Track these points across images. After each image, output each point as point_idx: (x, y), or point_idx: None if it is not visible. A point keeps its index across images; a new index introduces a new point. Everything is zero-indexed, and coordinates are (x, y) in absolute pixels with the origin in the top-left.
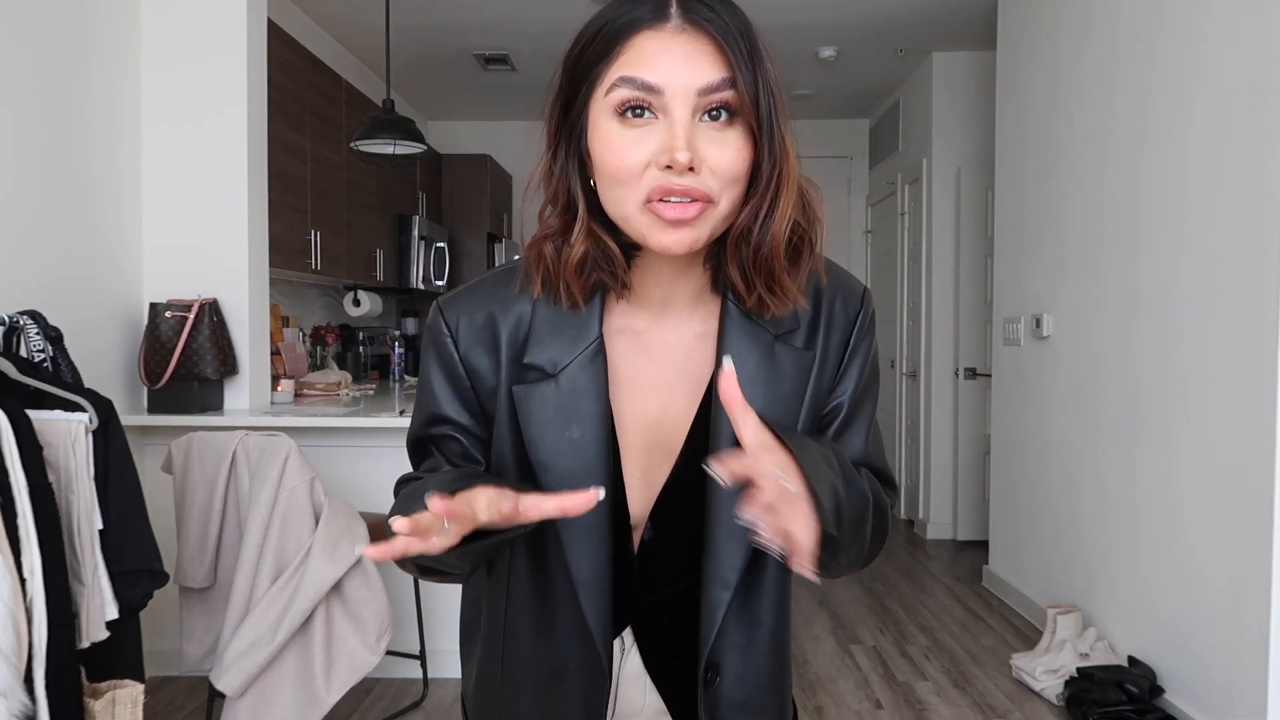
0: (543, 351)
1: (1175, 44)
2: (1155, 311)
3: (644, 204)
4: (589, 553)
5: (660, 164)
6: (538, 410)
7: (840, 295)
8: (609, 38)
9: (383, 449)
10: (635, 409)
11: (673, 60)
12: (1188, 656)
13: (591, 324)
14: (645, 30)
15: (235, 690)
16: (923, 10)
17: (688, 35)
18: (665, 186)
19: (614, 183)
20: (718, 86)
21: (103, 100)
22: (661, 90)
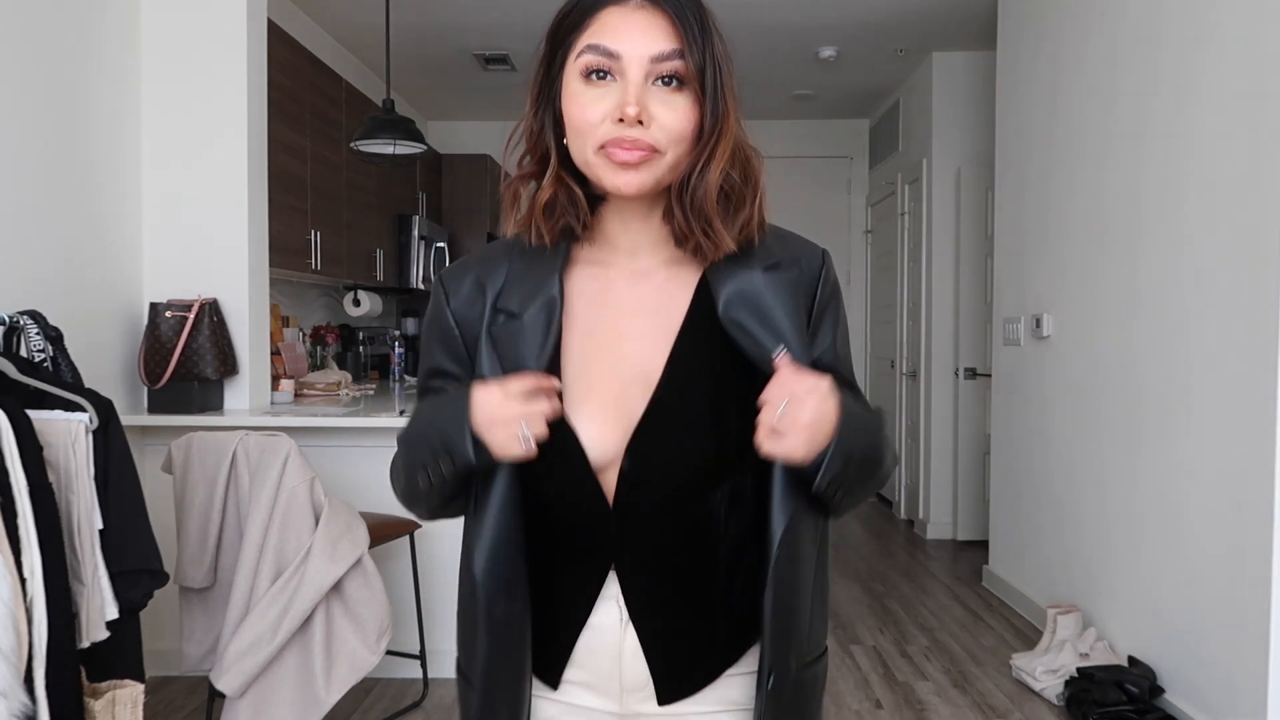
0: (512, 297)
1: (1175, 44)
2: (1155, 311)
3: (599, 149)
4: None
5: (614, 118)
6: (505, 346)
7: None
8: (582, 11)
9: (383, 449)
10: (604, 347)
11: (631, 32)
12: (1188, 656)
13: (553, 273)
14: (611, 6)
15: (235, 690)
16: (923, 10)
17: (646, 12)
18: (617, 137)
19: (577, 133)
20: (668, 56)
21: (103, 100)
22: (620, 56)
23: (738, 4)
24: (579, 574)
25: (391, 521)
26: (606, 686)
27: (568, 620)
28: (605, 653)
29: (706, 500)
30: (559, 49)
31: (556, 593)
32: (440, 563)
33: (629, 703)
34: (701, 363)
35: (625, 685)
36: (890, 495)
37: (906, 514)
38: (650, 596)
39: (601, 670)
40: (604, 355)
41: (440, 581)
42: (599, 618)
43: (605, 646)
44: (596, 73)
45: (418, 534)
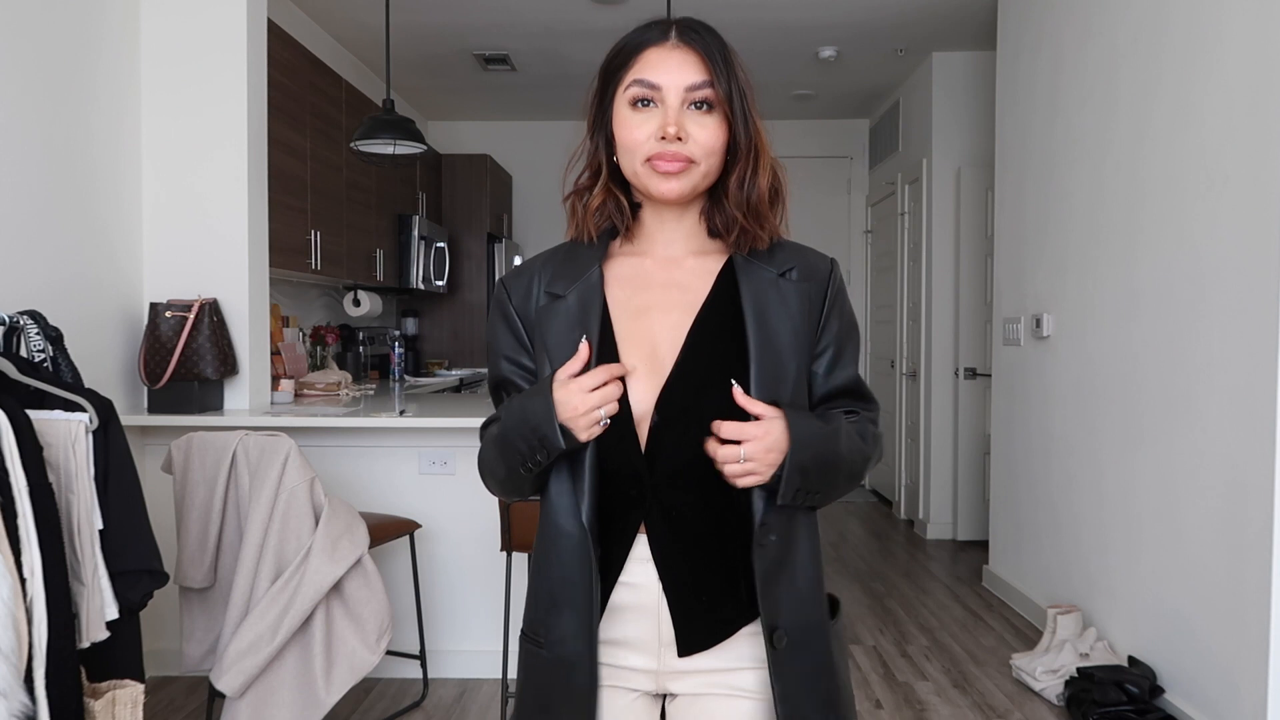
0: (557, 283)
1: (1175, 43)
2: (1155, 311)
3: (645, 162)
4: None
5: (657, 136)
6: (552, 323)
7: (813, 259)
8: (629, 52)
9: (383, 449)
10: (637, 323)
11: (668, 66)
12: (1188, 656)
13: (594, 262)
14: (652, 47)
15: (235, 690)
16: (923, 10)
17: (680, 50)
18: (660, 151)
19: (626, 150)
20: (700, 86)
21: (103, 100)
22: (660, 87)
23: (738, 4)
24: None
25: (391, 521)
26: (647, 644)
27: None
28: (646, 612)
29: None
30: (610, 83)
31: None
32: (440, 563)
33: (666, 658)
34: (720, 333)
35: (664, 639)
36: (890, 495)
37: (906, 514)
38: (674, 548)
39: (643, 630)
40: (639, 322)
41: (440, 581)
42: (636, 578)
43: (646, 606)
44: (642, 101)
45: (418, 534)
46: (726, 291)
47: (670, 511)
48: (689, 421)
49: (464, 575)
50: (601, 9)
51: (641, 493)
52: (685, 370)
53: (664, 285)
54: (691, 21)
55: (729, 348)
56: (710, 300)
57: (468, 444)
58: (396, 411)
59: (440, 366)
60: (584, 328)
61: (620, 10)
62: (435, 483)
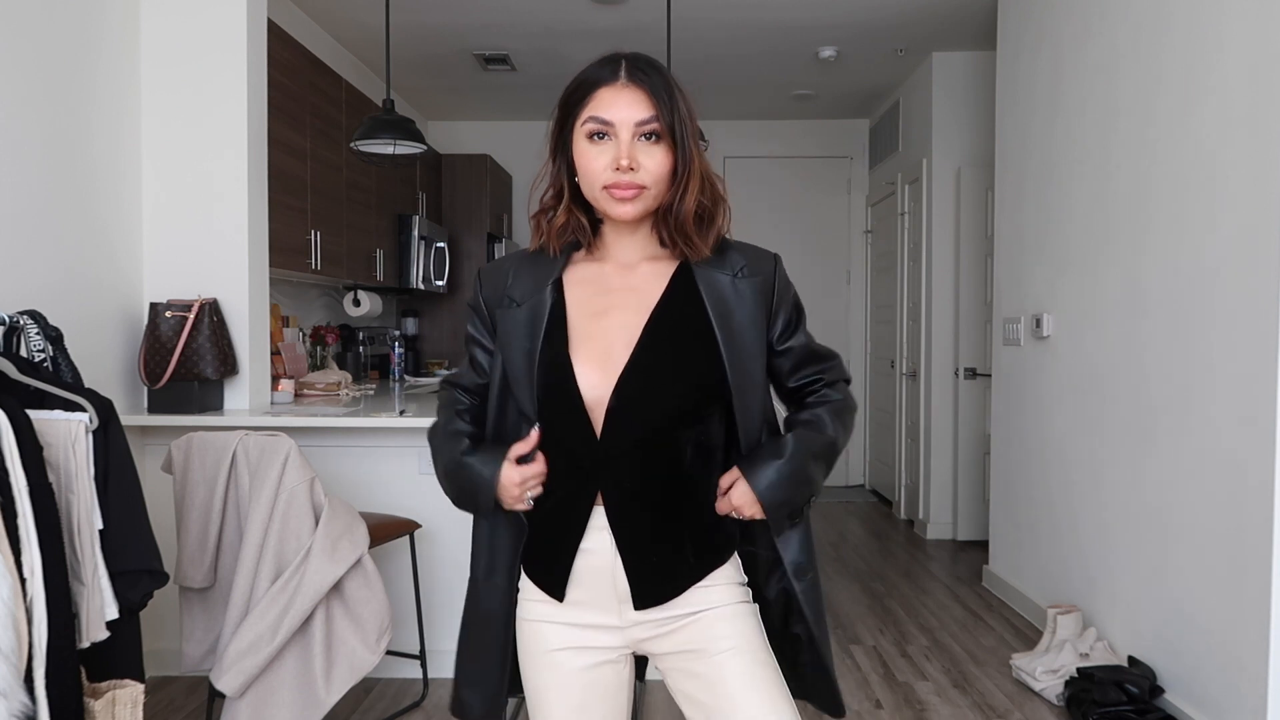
0: (516, 289)
1: (1176, 43)
2: (1156, 311)
3: (603, 189)
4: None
5: (612, 167)
6: (507, 325)
7: (758, 256)
8: (585, 89)
9: (383, 449)
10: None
11: (619, 105)
12: (1188, 656)
13: (553, 274)
14: (605, 86)
15: (235, 690)
16: (923, 10)
17: (630, 89)
18: (615, 180)
19: (586, 177)
20: (647, 120)
21: (103, 100)
22: (613, 123)
23: (738, 4)
24: (573, 499)
25: (391, 521)
26: (605, 603)
27: (564, 543)
28: (602, 573)
29: (675, 442)
30: (569, 116)
31: (556, 519)
32: (440, 563)
33: (625, 613)
34: (672, 330)
35: (619, 597)
36: (890, 495)
37: (906, 514)
38: (630, 517)
39: (601, 589)
40: (598, 321)
41: (440, 581)
42: (593, 544)
43: (601, 568)
44: (597, 134)
45: (418, 534)
46: (680, 294)
47: (623, 482)
48: (642, 406)
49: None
50: (601, 9)
51: (595, 468)
52: (639, 363)
53: (621, 289)
54: (639, 59)
55: (683, 342)
56: (663, 302)
57: None
58: (396, 411)
59: (440, 366)
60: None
61: (620, 10)
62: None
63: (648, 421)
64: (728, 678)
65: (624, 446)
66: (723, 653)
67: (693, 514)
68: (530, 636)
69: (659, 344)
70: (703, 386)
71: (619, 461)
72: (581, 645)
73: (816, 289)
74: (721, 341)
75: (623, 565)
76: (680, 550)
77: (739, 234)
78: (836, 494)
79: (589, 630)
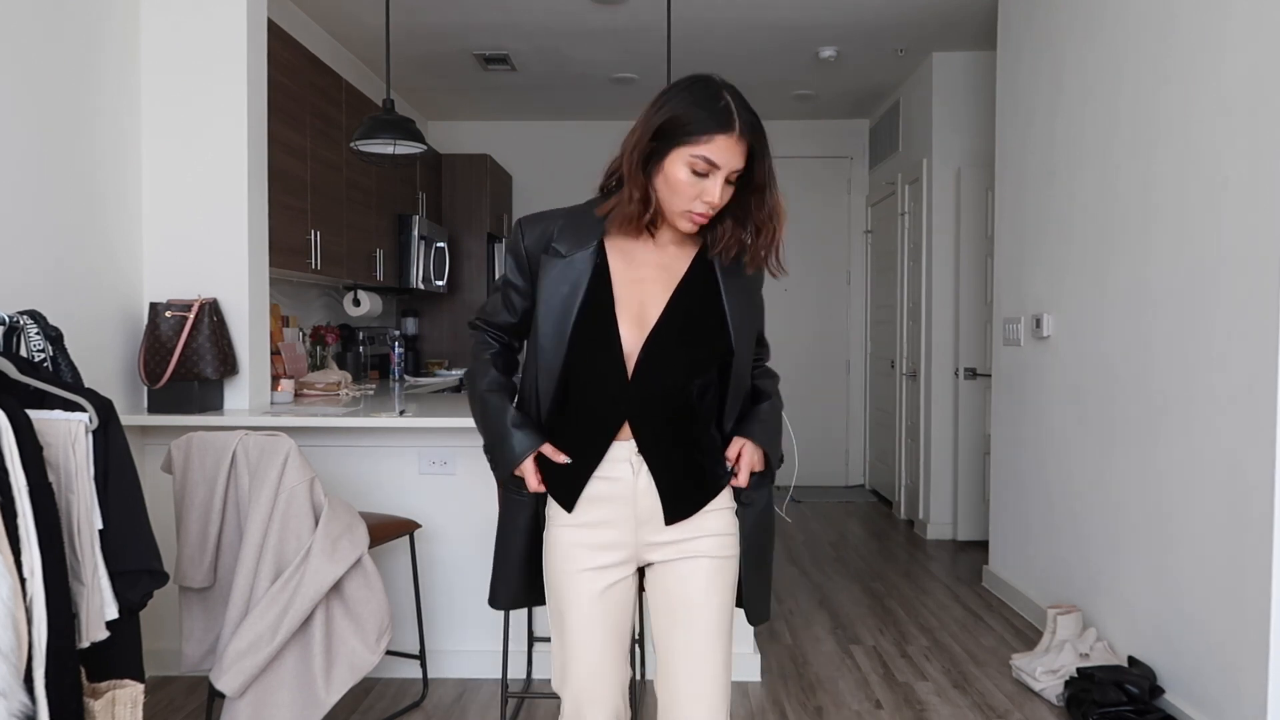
0: (562, 242)
1: (1175, 43)
2: (1156, 311)
3: (685, 210)
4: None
5: (701, 199)
6: (549, 272)
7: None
8: (703, 128)
9: (383, 449)
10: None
11: (729, 155)
12: (1188, 656)
13: (596, 236)
14: (723, 135)
15: (235, 690)
16: (923, 10)
17: (741, 144)
18: (698, 211)
19: (674, 194)
20: (740, 171)
21: (103, 100)
22: (719, 167)
23: (738, 4)
24: (597, 425)
25: (391, 521)
26: (624, 524)
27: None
28: (622, 496)
29: (688, 387)
30: (675, 136)
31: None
32: (440, 563)
33: (641, 533)
34: (692, 300)
35: (639, 518)
36: (890, 495)
37: (906, 514)
38: (656, 446)
39: (620, 510)
40: (635, 286)
41: (440, 581)
42: (616, 473)
43: (622, 491)
44: (700, 172)
45: (418, 534)
46: (700, 274)
47: (651, 421)
48: (666, 361)
49: (464, 575)
50: (601, 9)
51: (622, 409)
52: (665, 326)
53: (654, 264)
54: (747, 112)
55: (699, 312)
56: (686, 278)
57: (468, 444)
58: (396, 411)
59: (440, 366)
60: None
61: (620, 10)
62: (435, 483)
63: (669, 373)
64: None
65: (650, 392)
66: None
67: (702, 448)
68: (560, 557)
69: (681, 313)
70: (713, 350)
71: (647, 404)
72: (601, 566)
73: (816, 289)
74: (730, 318)
75: (657, 490)
76: (699, 472)
77: None
78: (836, 494)
79: (608, 550)
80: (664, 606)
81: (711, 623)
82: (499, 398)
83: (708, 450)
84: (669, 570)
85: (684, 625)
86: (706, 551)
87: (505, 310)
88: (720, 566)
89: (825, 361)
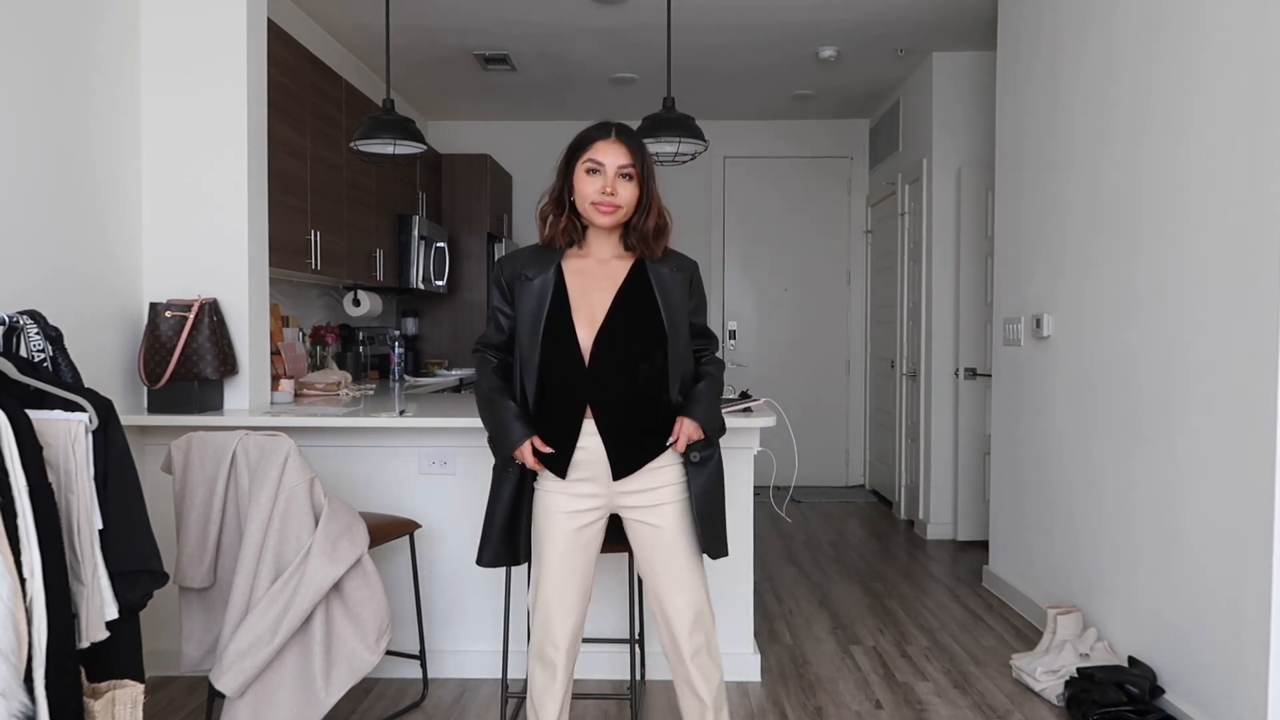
0: (529, 269)
1: (1175, 43)
2: (1155, 311)
3: (591, 204)
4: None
5: (600, 192)
6: (523, 293)
7: (686, 260)
8: (588, 141)
9: (383, 449)
10: (585, 296)
11: (610, 153)
12: (1188, 656)
13: (554, 262)
14: (600, 140)
15: (235, 690)
16: (923, 10)
17: (617, 145)
18: (601, 200)
19: (581, 196)
20: (625, 166)
21: (102, 100)
22: (604, 164)
23: (738, 4)
24: (569, 410)
25: (391, 521)
26: (599, 478)
27: (564, 441)
28: (596, 461)
29: (636, 370)
30: (574, 156)
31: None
32: (440, 563)
33: (610, 485)
34: (631, 299)
35: (608, 475)
36: (890, 495)
37: (906, 514)
38: (611, 420)
39: (596, 471)
40: (586, 295)
41: (440, 581)
42: (588, 444)
43: (596, 459)
44: (592, 170)
45: (418, 534)
46: (636, 279)
47: (606, 401)
48: (614, 349)
49: (464, 575)
50: (601, 9)
51: (584, 394)
52: (611, 322)
53: (599, 275)
54: (623, 127)
55: (638, 309)
56: (625, 284)
57: (468, 444)
58: (396, 411)
59: (440, 366)
60: (541, 303)
61: (620, 10)
62: (435, 483)
63: (617, 359)
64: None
65: (603, 375)
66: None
67: (647, 417)
68: (544, 504)
69: (623, 310)
70: (651, 336)
71: (601, 384)
72: (576, 510)
73: (816, 289)
74: (663, 309)
75: (607, 454)
76: (639, 441)
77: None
78: (836, 494)
79: (584, 498)
80: (648, 544)
81: (683, 547)
82: (501, 397)
83: (653, 420)
84: (645, 515)
85: (664, 554)
86: (668, 499)
87: (497, 331)
88: (680, 507)
89: (825, 361)
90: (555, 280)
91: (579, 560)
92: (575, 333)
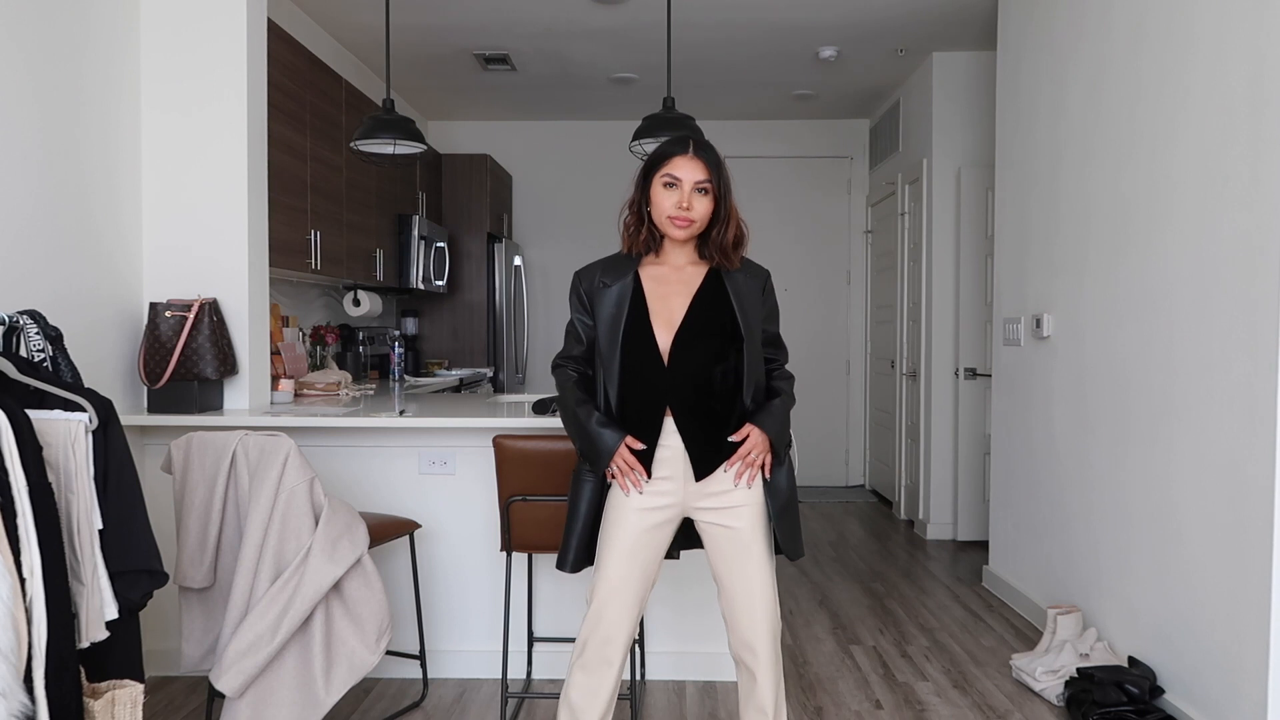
0: (608, 277)
1: (1175, 43)
2: (1155, 311)
3: (668, 218)
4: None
5: (677, 206)
6: (602, 299)
7: (759, 270)
8: (665, 156)
9: (383, 449)
10: (660, 301)
11: (687, 169)
12: (1187, 656)
13: (631, 270)
14: (679, 156)
15: (235, 690)
16: (923, 10)
17: (694, 161)
18: (677, 215)
19: (658, 209)
20: (702, 181)
21: (102, 100)
22: (681, 180)
23: (738, 4)
24: (650, 410)
25: (391, 521)
26: (677, 478)
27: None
28: (677, 460)
29: (711, 372)
30: (652, 170)
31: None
32: (440, 563)
33: (687, 486)
34: (706, 307)
35: (686, 476)
36: (890, 495)
37: (906, 514)
38: (689, 419)
39: (675, 470)
40: (664, 300)
41: (440, 581)
42: (670, 442)
43: (677, 456)
44: (669, 185)
45: (418, 534)
46: (711, 287)
47: (685, 400)
48: (691, 353)
49: (464, 575)
50: (601, 9)
51: (664, 393)
52: (687, 326)
53: (675, 281)
54: (702, 140)
55: (712, 315)
56: (700, 291)
57: (468, 444)
58: (396, 411)
59: (440, 366)
60: (620, 308)
61: (620, 10)
62: (435, 483)
63: (695, 359)
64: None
65: (681, 376)
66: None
67: (724, 417)
68: (618, 500)
69: (700, 312)
70: (727, 338)
71: (680, 384)
72: (650, 507)
73: (816, 289)
74: (738, 313)
75: (688, 454)
76: (717, 440)
77: None
78: (836, 494)
79: (659, 495)
80: (724, 548)
81: (761, 552)
82: (586, 408)
83: (729, 421)
84: (720, 517)
85: (741, 558)
86: (743, 501)
87: (576, 342)
88: (756, 510)
89: (825, 361)
90: (633, 286)
91: (643, 557)
92: (654, 334)
